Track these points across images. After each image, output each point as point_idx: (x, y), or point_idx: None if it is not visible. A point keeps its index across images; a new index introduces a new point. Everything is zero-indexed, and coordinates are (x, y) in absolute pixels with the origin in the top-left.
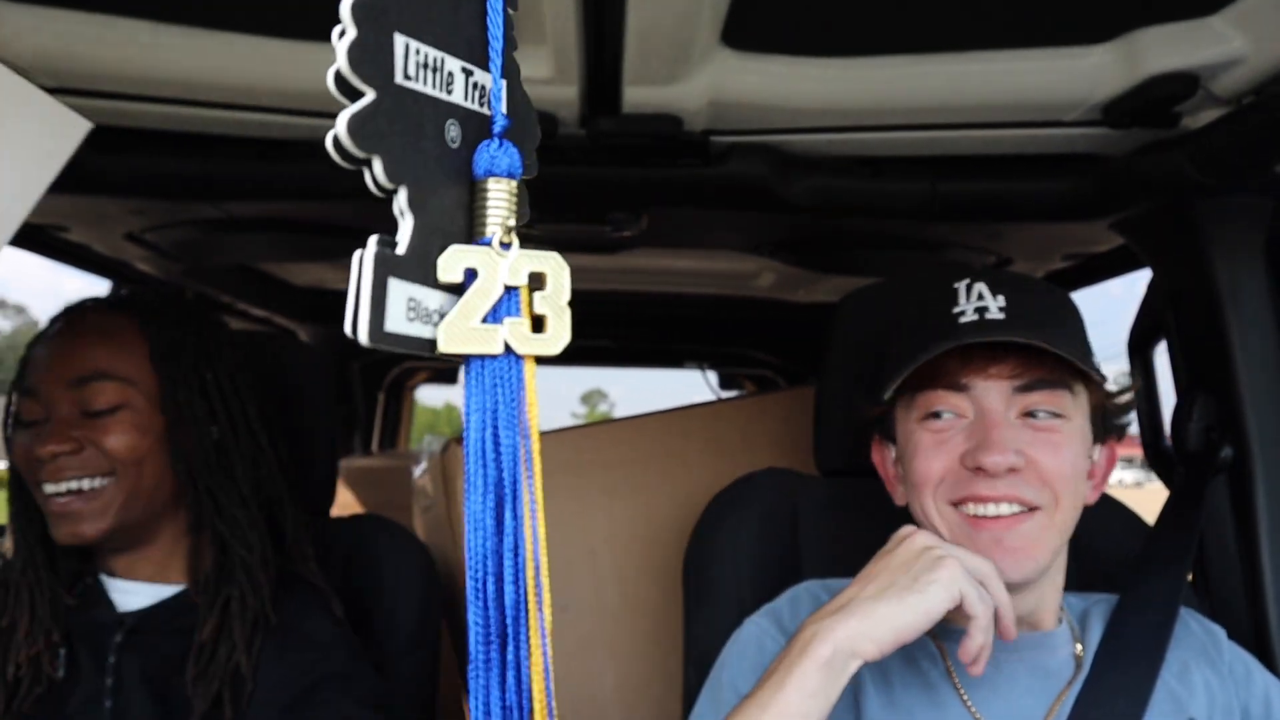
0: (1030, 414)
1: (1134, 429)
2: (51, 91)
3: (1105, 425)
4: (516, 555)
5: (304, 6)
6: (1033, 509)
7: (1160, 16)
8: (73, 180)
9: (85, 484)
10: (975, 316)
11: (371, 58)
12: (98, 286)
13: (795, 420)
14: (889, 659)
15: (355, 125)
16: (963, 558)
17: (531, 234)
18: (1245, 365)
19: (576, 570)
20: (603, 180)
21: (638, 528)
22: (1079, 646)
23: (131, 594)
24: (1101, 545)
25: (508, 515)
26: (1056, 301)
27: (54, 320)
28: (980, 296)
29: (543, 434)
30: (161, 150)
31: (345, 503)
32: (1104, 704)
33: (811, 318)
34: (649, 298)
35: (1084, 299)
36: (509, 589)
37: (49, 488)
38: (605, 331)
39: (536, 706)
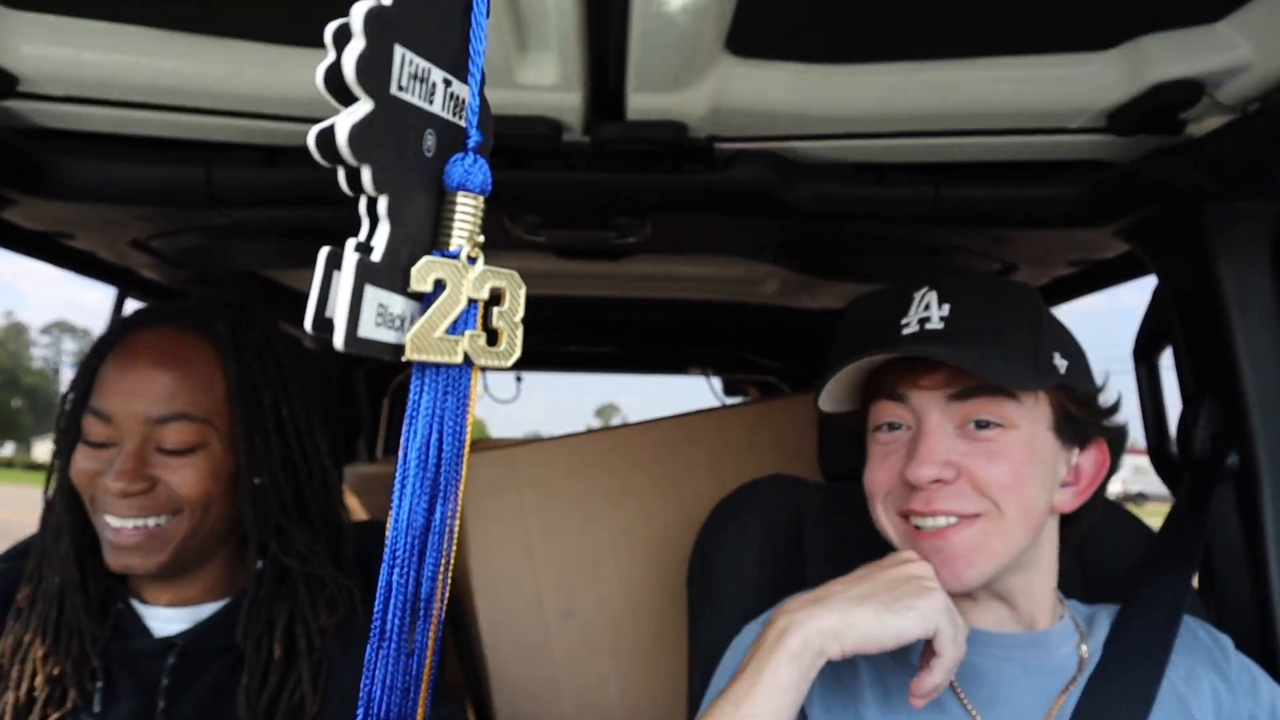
0: (971, 423)
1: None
2: (57, 100)
3: (1082, 429)
4: (437, 552)
5: (308, 13)
6: (973, 517)
7: (1165, 23)
8: (78, 188)
9: (151, 522)
10: (916, 328)
11: (374, 69)
12: (95, 287)
13: (799, 426)
14: (885, 659)
15: (355, 134)
16: (948, 601)
17: (536, 240)
18: (1251, 371)
19: (581, 576)
20: (607, 186)
21: (642, 534)
22: (1083, 645)
23: (168, 621)
24: (1107, 553)
25: (436, 515)
26: (1008, 310)
27: (123, 327)
28: (927, 306)
29: (546, 440)
30: (167, 157)
31: (349, 508)
32: (1109, 705)
33: (816, 324)
34: (653, 304)
35: (1100, 308)
36: (426, 584)
37: (113, 520)
38: (609, 338)
39: (424, 689)
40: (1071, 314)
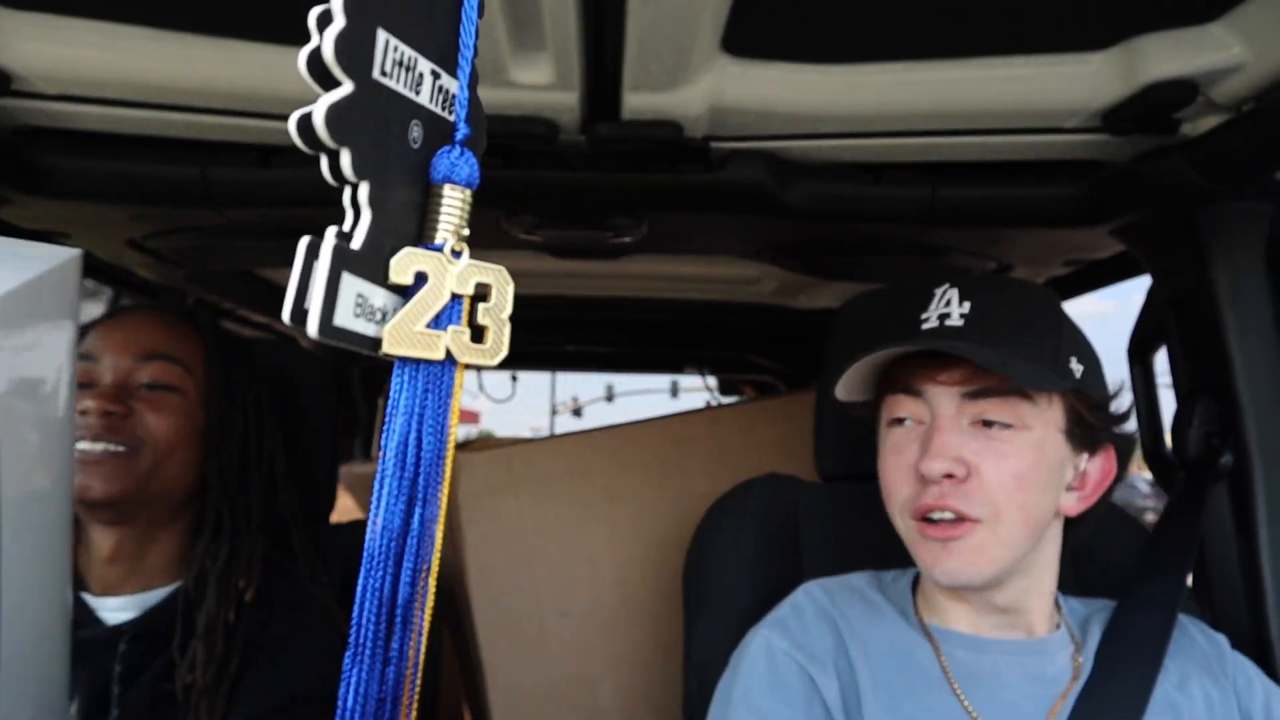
0: (983, 421)
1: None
2: (51, 99)
3: (1093, 435)
4: (416, 556)
5: (304, 12)
6: (975, 521)
7: (1160, 23)
8: (73, 187)
9: (119, 447)
10: (936, 323)
11: (354, 50)
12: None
13: (795, 425)
14: (886, 663)
15: (333, 115)
16: None
17: (532, 239)
18: (1246, 371)
19: (576, 576)
20: (603, 186)
21: (638, 533)
22: (1077, 653)
23: (118, 610)
24: (1102, 551)
25: (416, 518)
26: (1029, 311)
27: (110, 310)
28: (948, 303)
29: (543, 440)
30: (162, 156)
31: (346, 508)
32: (1102, 709)
33: (812, 323)
34: (649, 303)
35: (1109, 313)
36: (404, 589)
37: (83, 445)
38: (605, 337)
39: (404, 701)
40: (1081, 318)
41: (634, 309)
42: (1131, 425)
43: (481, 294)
